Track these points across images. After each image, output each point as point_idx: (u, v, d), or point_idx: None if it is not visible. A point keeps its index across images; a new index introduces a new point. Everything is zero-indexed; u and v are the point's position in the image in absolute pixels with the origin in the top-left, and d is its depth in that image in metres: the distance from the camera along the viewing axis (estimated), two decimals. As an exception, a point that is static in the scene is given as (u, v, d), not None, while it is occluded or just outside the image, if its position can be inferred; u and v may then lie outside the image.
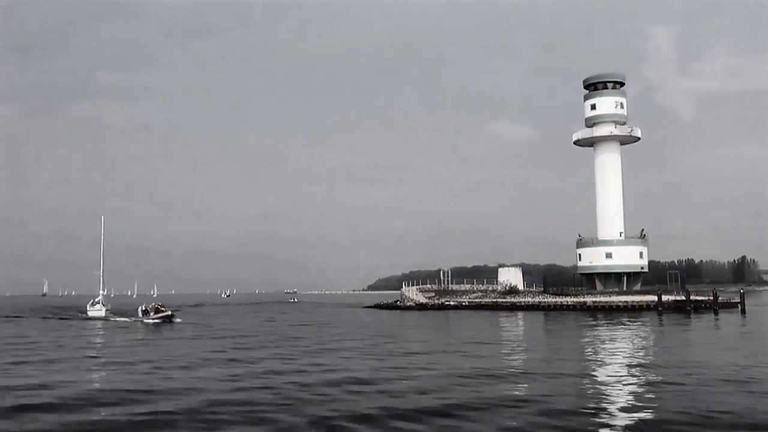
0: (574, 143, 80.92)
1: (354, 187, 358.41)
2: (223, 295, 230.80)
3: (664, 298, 63.79)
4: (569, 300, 69.40)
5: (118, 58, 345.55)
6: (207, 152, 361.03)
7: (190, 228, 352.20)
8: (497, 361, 24.61)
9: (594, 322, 48.13)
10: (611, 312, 63.09)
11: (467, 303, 77.68)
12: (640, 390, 17.74)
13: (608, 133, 77.39)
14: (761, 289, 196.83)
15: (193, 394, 17.57)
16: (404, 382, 19.41)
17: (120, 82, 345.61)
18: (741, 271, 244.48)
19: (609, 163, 78.12)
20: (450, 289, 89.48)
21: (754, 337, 36.79)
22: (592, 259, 76.61)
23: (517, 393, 17.47)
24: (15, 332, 44.03)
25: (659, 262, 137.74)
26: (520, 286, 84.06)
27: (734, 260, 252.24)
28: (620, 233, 77.20)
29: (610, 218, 77.73)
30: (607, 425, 13.71)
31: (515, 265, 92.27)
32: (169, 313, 54.60)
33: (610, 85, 78.54)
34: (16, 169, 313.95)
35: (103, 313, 63.72)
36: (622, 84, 79.40)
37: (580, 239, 79.69)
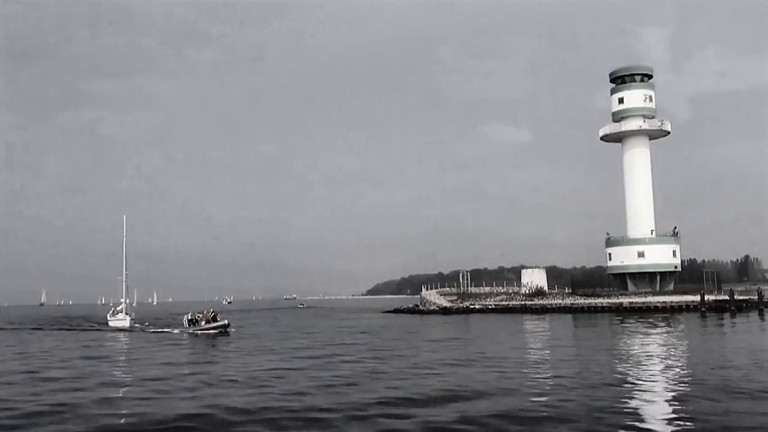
0: (601, 138, 78.12)
1: (351, 192, 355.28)
2: (224, 302, 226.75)
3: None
4: (604, 301, 66.45)
5: (114, 66, 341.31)
6: (203, 158, 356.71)
7: (185, 235, 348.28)
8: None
9: (648, 325, 45.00)
10: (649, 313, 60.29)
11: (493, 306, 74.67)
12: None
13: (637, 128, 74.65)
14: (766, 287, 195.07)
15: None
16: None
17: (116, 90, 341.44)
18: (745, 270, 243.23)
19: (638, 159, 75.35)
20: (470, 291, 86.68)
21: None
22: (624, 258, 73.69)
23: None
24: (72, 348, 36.79)
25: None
26: (545, 288, 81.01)
27: (737, 259, 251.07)
28: (651, 231, 74.38)
29: (641, 216, 74.95)
30: None
31: (537, 267, 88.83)
32: (226, 322, 46.42)
33: (638, 78, 75.81)
34: (12, 179, 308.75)
35: (127, 323, 57.62)
36: (650, 76, 76.65)
37: (609, 238, 76.83)
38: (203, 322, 46.74)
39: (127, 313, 59.59)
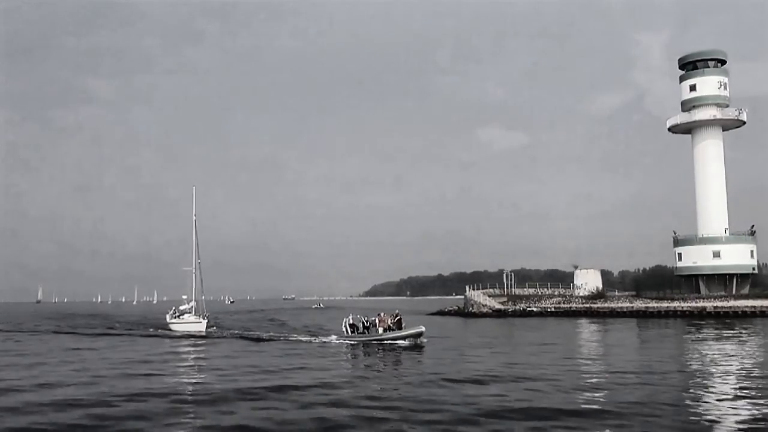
0: (669, 129, 72.23)
1: (349, 193, 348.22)
2: (227, 302, 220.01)
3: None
4: (684, 305, 60.54)
5: (112, 64, 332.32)
6: (200, 158, 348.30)
7: (183, 234, 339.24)
8: None
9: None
10: (736, 319, 54.48)
11: (552, 309, 68.74)
12: None
13: (711, 117, 68.70)
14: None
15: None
16: None
17: (114, 88, 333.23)
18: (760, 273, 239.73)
19: (711, 151, 69.43)
20: (516, 293, 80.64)
21: None
22: (697, 258, 67.74)
23: None
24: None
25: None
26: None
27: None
28: (725, 230, 68.56)
29: (713, 213, 69.08)
30: None
31: (591, 268, 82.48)
32: (422, 329, 34.01)
33: (711, 64, 69.81)
34: (7, 176, 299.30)
35: (203, 328, 44.74)
36: (724, 62, 70.68)
37: (678, 237, 70.94)
38: (380, 329, 34.27)
39: (198, 314, 47.42)
